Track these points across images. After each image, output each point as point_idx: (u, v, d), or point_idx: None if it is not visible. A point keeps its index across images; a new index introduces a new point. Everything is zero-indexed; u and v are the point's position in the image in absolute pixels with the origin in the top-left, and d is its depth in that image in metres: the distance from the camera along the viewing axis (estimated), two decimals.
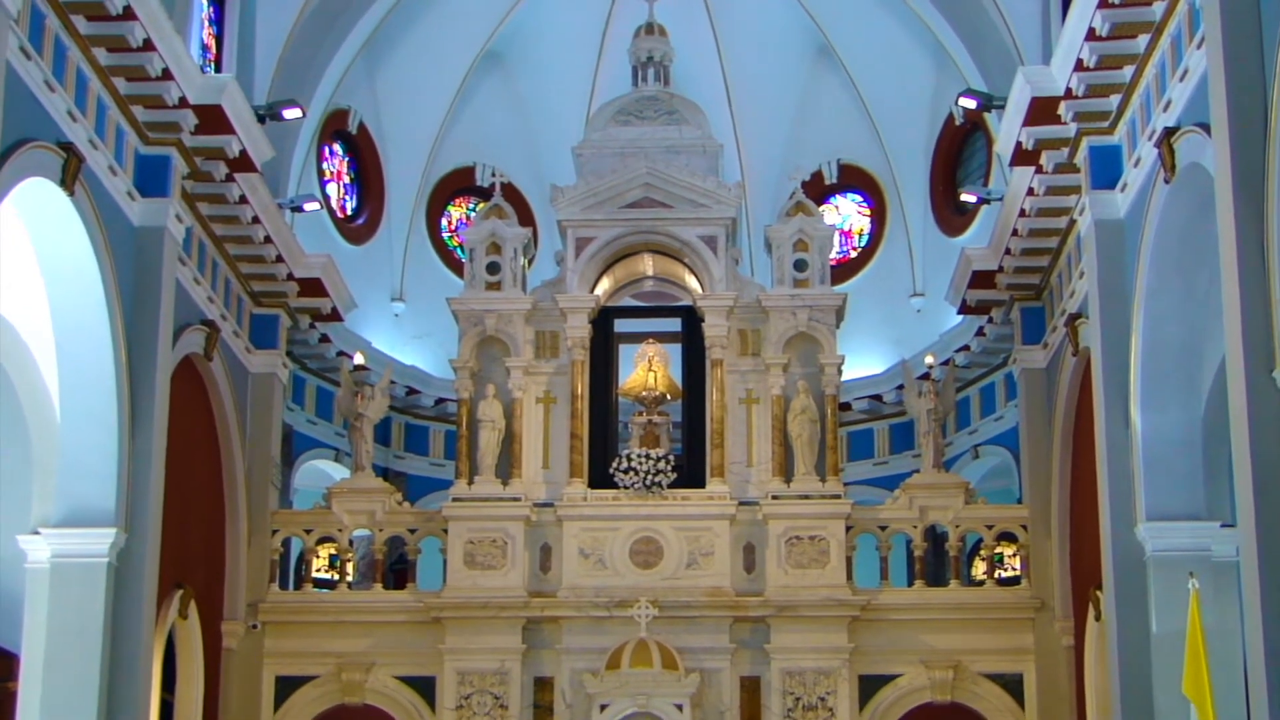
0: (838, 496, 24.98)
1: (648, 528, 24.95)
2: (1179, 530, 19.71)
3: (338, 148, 30.41)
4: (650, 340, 26.46)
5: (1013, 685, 24.75)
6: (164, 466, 20.99)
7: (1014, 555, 25.24)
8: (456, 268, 29.54)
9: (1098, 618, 21.93)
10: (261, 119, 23.21)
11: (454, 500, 25.21)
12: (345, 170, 30.82)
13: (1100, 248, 21.07)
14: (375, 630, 24.95)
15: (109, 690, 19.87)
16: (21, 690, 19.97)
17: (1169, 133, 18.43)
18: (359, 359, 27.75)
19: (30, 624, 20.10)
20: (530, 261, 26.67)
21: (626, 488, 25.19)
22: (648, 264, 26.56)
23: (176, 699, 22.92)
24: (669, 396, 26.17)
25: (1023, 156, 22.51)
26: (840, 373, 25.76)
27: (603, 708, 23.56)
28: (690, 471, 25.53)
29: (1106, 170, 21.13)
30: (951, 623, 24.87)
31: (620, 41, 29.15)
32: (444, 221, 32.02)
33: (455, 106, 31.06)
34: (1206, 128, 16.71)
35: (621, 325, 26.57)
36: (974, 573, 25.32)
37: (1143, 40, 19.24)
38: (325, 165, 30.07)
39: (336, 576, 25.64)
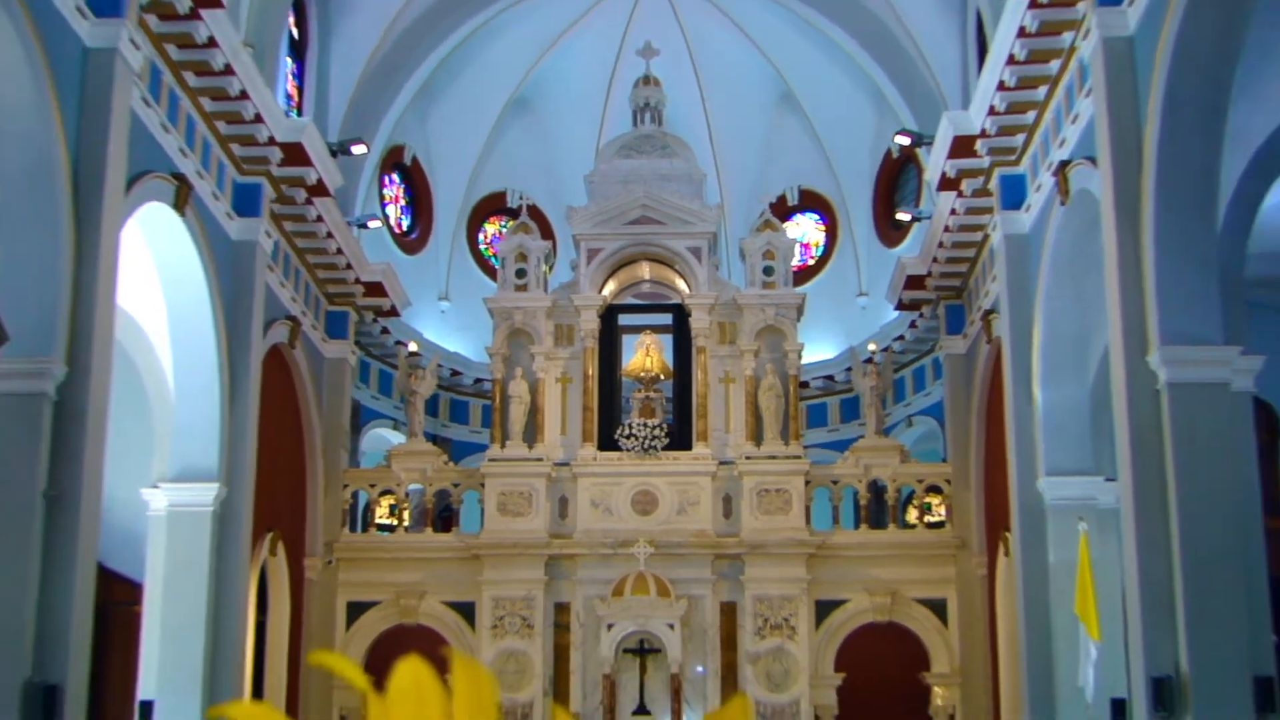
0: (798, 457, 25.04)
1: (645, 483, 25.00)
2: (1071, 484, 19.90)
3: (395, 176, 30.42)
4: (647, 331, 26.47)
5: (938, 608, 24.82)
6: (257, 433, 21.10)
7: (940, 504, 25.26)
8: (491, 273, 29.55)
9: (1006, 554, 22.04)
10: (334, 153, 23.29)
11: (489, 461, 25.26)
12: (401, 195, 30.82)
13: (1009, 258, 21.18)
14: (426, 565, 25.05)
15: (214, 613, 20.03)
16: (145, 613, 20.21)
17: (1064, 164, 18.60)
18: (413, 347, 27.90)
19: (151, 561, 20.31)
20: (550, 268, 26.74)
21: (628, 450, 25.24)
22: (645, 270, 26.63)
23: (269, 621, 23.03)
24: (662, 377, 26.19)
25: (946, 183, 22.62)
26: (800, 357, 25.81)
27: (609, 627, 23.67)
28: (680, 437, 25.53)
29: (1014, 195, 21.25)
30: (889, 558, 24.93)
31: (623, 90, 29.17)
32: (481, 236, 32.00)
33: (490, 142, 31.06)
34: (1093, 160, 16.91)
35: (624, 319, 26.61)
36: (908, 518, 25.35)
37: (1043, 90, 19.38)
38: (385, 191, 30.08)
39: (395, 522, 25.66)
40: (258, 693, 22.63)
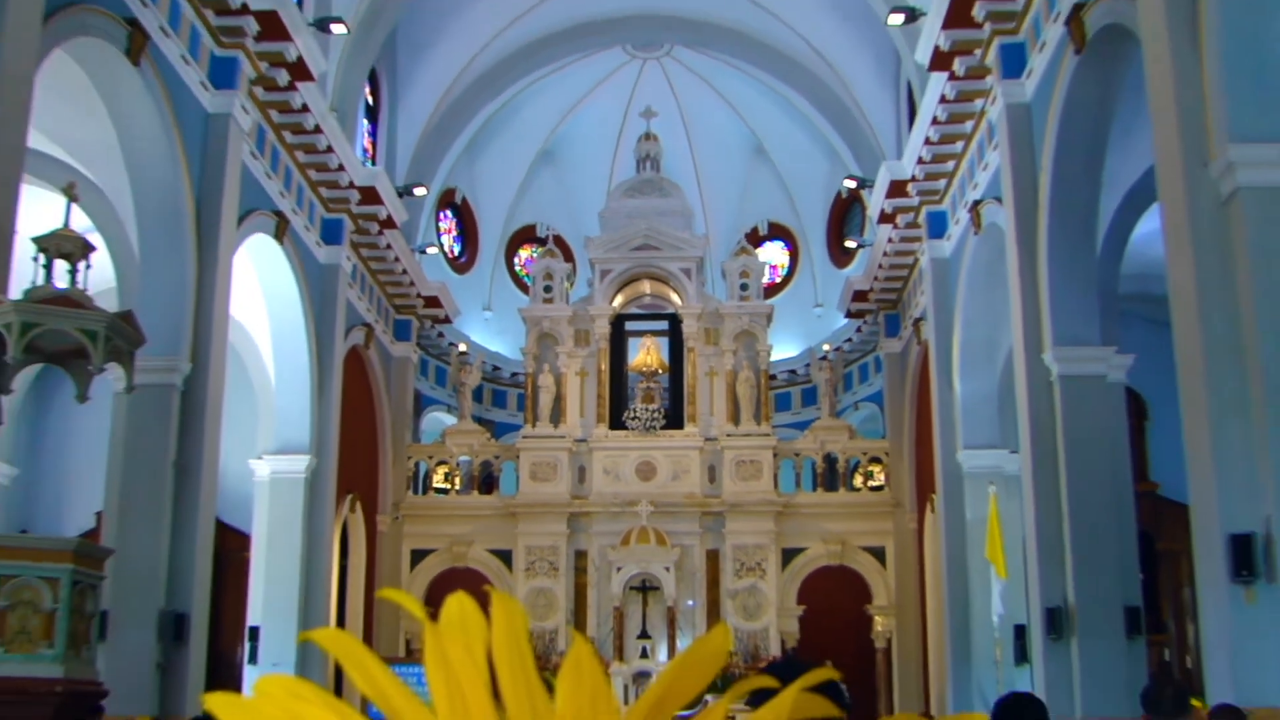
0: (767, 435, 25.06)
1: (647, 455, 25.02)
2: (983, 455, 19.95)
3: (448, 213, 30.43)
4: (648, 335, 26.49)
5: (879, 554, 24.86)
6: (339, 416, 21.18)
7: (880, 472, 25.24)
8: (524, 289, 29.56)
9: (932, 511, 22.05)
10: (400, 195, 23.35)
11: (523, 438, 25.30)
12: (453, 227, 30.81)
13: (934, 277, 21.23)
14: (473, 520, 25.10)
15: (306, 559, 20.13)
16: (253, 558, 20.33)
17: (977, 203, 18.67)
18: (462, 347, 27.91)
19: (257, 517, 20.42)
20: (571, 285, 26.77)
21: (633, 429, 25.27)
22: (646, 286, 26.62)
23: (349, 564, 23.08)
24: (660, 371, 26.20)
25: (885, 218, 22.62)
26: (769, 355, 25.82)
27: (618, 569, 23.73)
28: (674, 418, 25.55)
29: (938, 227, 21.29)
30: (840, 515, 24.97)
31: (629, 144, 29.19)
32: (516, 259, 31.98)
33: (523, 186, 31.07)
34: (1000, 200, 16.95)
35: (630, 325, 26.59)
36: (855, 483, 25.33)
37: (960, 144, 19.42)
38: (441, 224, 30.09)
39: (448, 486, 25.65)
40: (340, 622, 22.67)
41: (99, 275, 13.39)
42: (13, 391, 11.78)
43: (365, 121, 24.12)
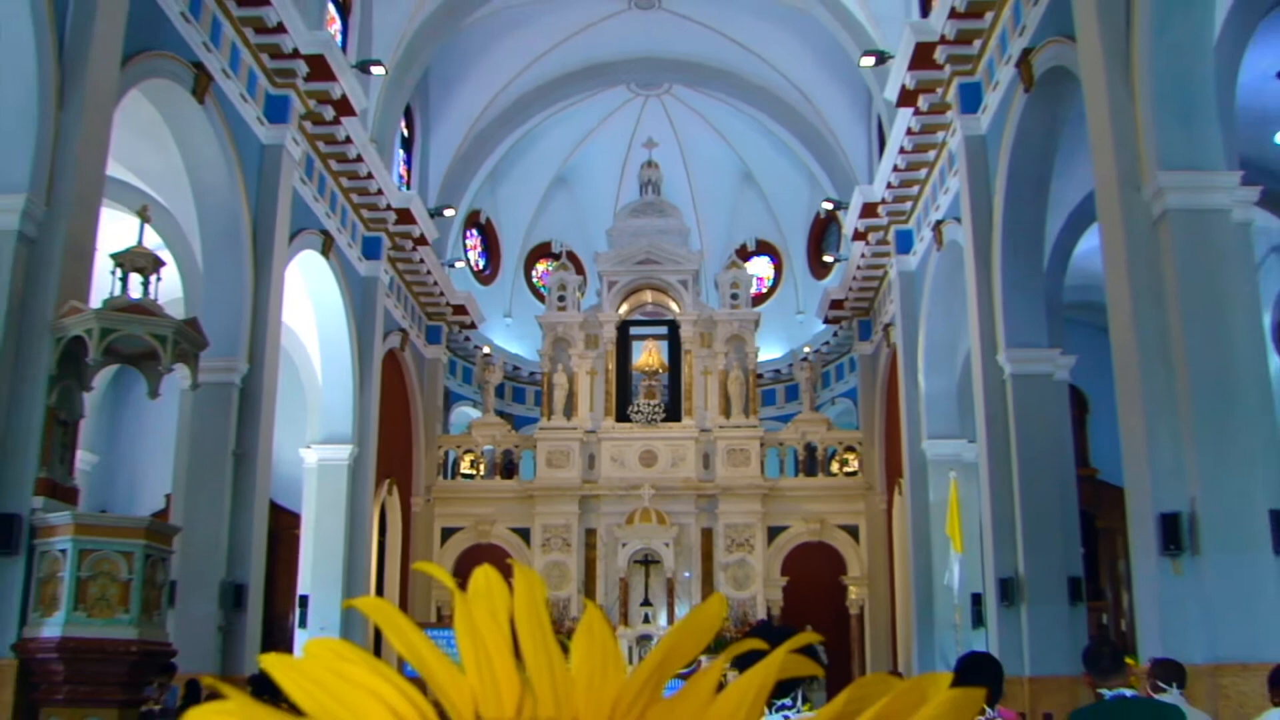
0: (755, 426, 25.05)
1: (649, 444, 25.02)
2: (945, 444, 19.89)
3: (474, 231, 30.41)
4: (650, 338, 26.53)
5: (853, 531, 24.84)
6: (378, 410, 21.18)
7: (854, 459, 25.25)
8: (540, 298, 29.50)
9: (900, 494, 22.04)
10: (432, 216, 23.35)
11: (540, 429, 25.29)
12: (478, 244, 30.80)
13: (901, 289, 21.20)
14: (496, 502, 25.10)
15: (349, 536, 20.13)
16: (302, 535, 20.32)
17: (939, 223, 18.65)
18: (486, 350, 27.91)
19: (306, 499, 20.40)
20: (582, 294, 26.77)
21: (637, 421, 25.27)
22: (648, 295, 26.62)
23: (387, 541, 23.10)
24: (660, 370, 26.21)
25: (858, 235, 22.58)
26: (757, 357, 25.82)
27: (623, 545, 23.71)
28: (672, 412, 25.56)
29: (905, 243, 21.27)
30: (819, 497, 24.96)
31: (633, 171, 29.19)
32: (534, 272, 31.99)
33: (540, 208, 31.04)
34: (959, 220, 16.95)
35: (634, 330, 26.59)
36: (832, 469, 25.35)
37: (924, 171, 19.40)
38: (467, 241, 30.05)
39: (474, 472, 25.66)
40: (379, 591, 22.67)
41: (168, 287, 13.45)
42: (93, 389, 11.82)
43: (401, 151, 24.11)
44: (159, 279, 11.67)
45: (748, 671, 0.44)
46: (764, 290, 31.47)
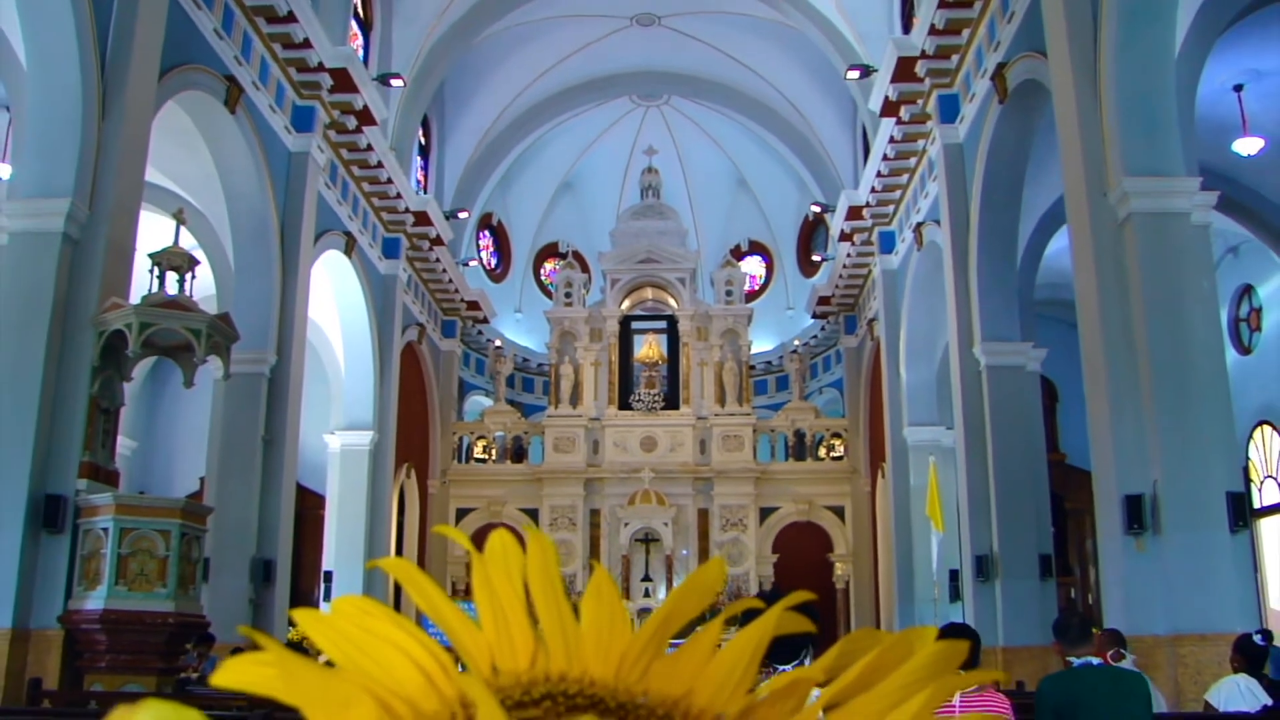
0: (748, 414, 25.07)
1: (649, 431, 25.05)
2: (925, 431, 19.89)
3: (487, 233, 30.42)
4: (650, 332, 26.55)
5: (839, 512, 24.87)
6: (397, 399, 21.19)
7: (840, 445, 25.31)
8: (548, 295, 29.49)
9: (883, 477, 22.06)
10: (447, 218, 23.36)
11: (548, 417, 25.32)
12: (491, 244, 30.81)
13: (884, 286, 21.19)
14: (506, 484, 25.11)
15: (370, 516, 20.15)
16: (327, 515, 20.34)
17: (919, 225, 18.63)
18: (498, 343, 27.94)
19: (330, 482, 20.44)
20: (587, 291, 26.77)
21: (638, 410, 25.30)
22: (649, 292, 26.63)
23: (405, 520, 23.14)
24: (660, 362, 26.24)
25: (844, 236, 22.59)
26: (749, 349, 25.89)
27: (625, 524, 23.75)
28: (671, 401, 25.60)
29: (888, 244, 21.26)
30: (808, 479, 24.98)
31: (634, 176, 29.22)
32: (542, 271, 31.98)
33: (548, 210, 31.04)
34: (938, 222, 16.94)
35: (635, 325, 26.62)
36: (819, 454, 25.38)
37: (905, 176, 19.39)
38: (480, 241, 30.06)
39: (486, 456, 25.71)
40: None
41: (202, 284, 13.48)
42: (133, 379, 11.84)
43: (418, 158, 24.12)
44: (194, 277, 11.69)
45: (746, 627, 0.45)
46: (756, 287, 31.45)
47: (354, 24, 19.13)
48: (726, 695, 0.43)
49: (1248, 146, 15.70)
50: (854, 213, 21.53)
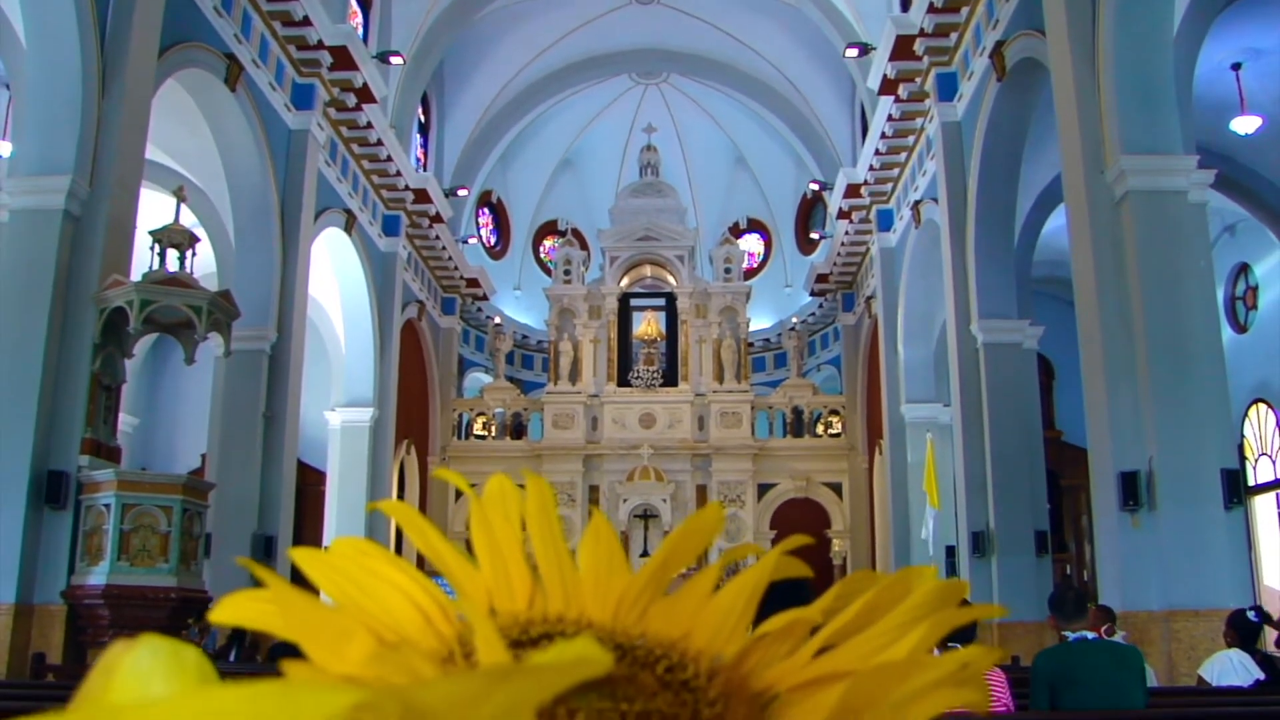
0: (746, 391, 25.07)
1: (648, 408, 25.06)
2: (922, 408, 19.91)
3: (486, 210, 30.36)
4: (649, 309, 26.52)
5: (836, 488, 24.89)
6: (397, 376, 21.18)
7: (838, 422, 25.29)
8: (547, 272, 29.40)
9: (880, 453, 22.09)
10: (447, 195, 23.33)
11: (547, 394, 25.30)
12: (490, 222, 30.74)
13: (882, 263, 21.17)
14: (506, 460, 25.05)
15: (370, 491, 20.11)
16: (328, 491, 20.35)
17: (917, 203, 18.61)
18: (497, 320, 27.88)
19: (331, 458, 20.44)
20: (586, 269, 26.72)
21: (637, 386, 25.27)
22: (648, 270, 26.57)
23: (405, 496, 23.14)
24: (659, 339, 26.22)
25: (842, 214, 22.57)
26: (748, 327, 25.86)
27: (624, 500, 23.75)
28: (670, 378, 25.56)
29: (886, 222, 21.23)
30: (805, 456, 24.99)
31: (634, 154, 29.14)
32: (541, 248, 31.92)
33: (547, 188, 30.99)
34: (936, 200, 16.93)
35: (634, 302, 26.57)
36: (817, 430, 25.38)
37: (904, 154, 19.35)
38: (480, 219, 30.02)
39: (486, 433, 25.71)
40: (398, 540, 22.75)
41: (202, 262, 13.47)
42: (134, 356, 11.84)
43: (418, 136, 24.05)
44: (194, 254, 11.71)
45: (744, 571, 0.45)
46: (755, 265, 31.42)
47: (353, 1, 19.06)
48: (724, 637, 0.43)
49: (1245, 125, 15.69)
50: (852, 191, 21.50)
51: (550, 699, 0.27)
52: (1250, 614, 7.38)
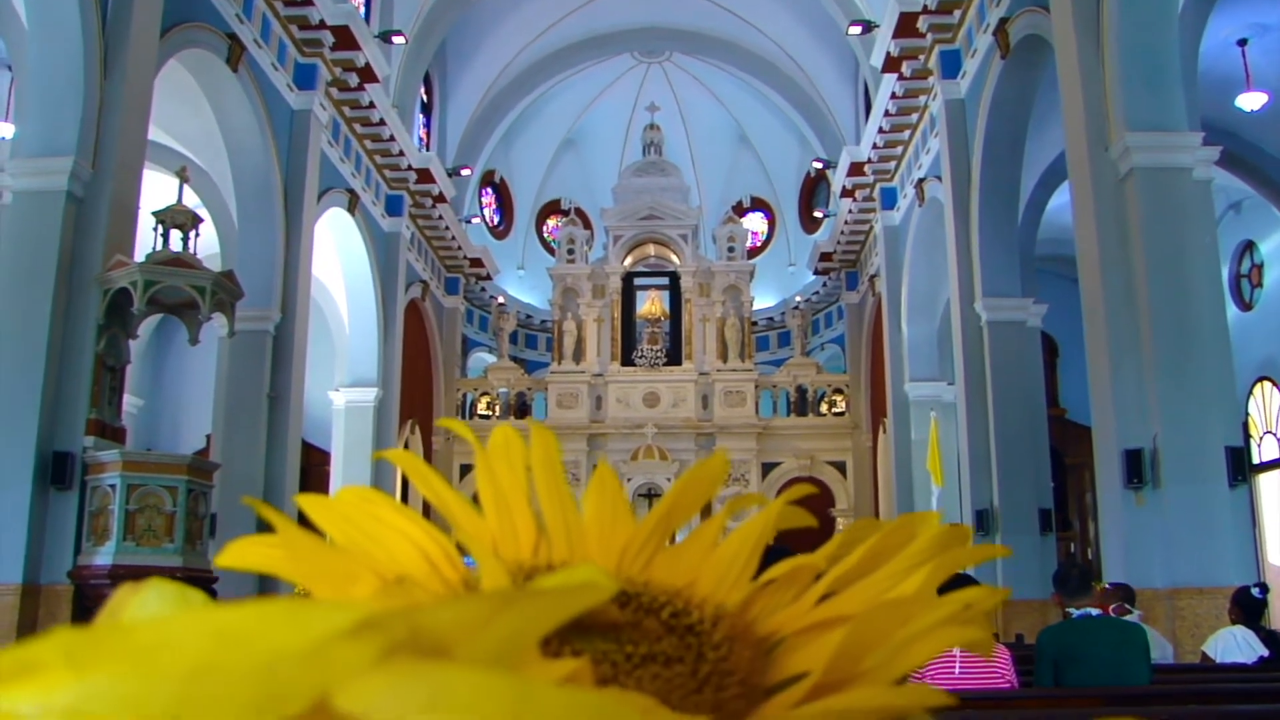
0: (750, 370, 25.07)
1: (652, 387, 25.07)
2: (926, 386, 19.91)
3: (489, 189, 30.34)
4: (653, 289, 26.52)
5: (841, 467, 24.92)
6: (401, 356, 21.19)
7: (842, 400, 25.31)
8: (551, 252, 29.39)
9: (884, 432, 22.11)
10: (450, 175, 23.30)
11: (551, 373, 25.30)
12: (493, 201, 30.71)
13: (886, 241, 21.15)
14: None
15: (375, 471, 20.10)
16: (332, 470, 20.38)
17: (921, 181, 18.57)
18: (501, 300, 27.87)
19: (335, 438, 20.44)
20: (590, 248, 26.70)
21: (640, 365, 25.29)
22: (651, 249, 26.55)
23: (409, 475, 23.13)
24: (662, 318, 26.22)
25: (846, 193, 22.53)
26: (751, 305, 25.85)
27: (628, 480, 23.72)
28: (674, 357, 25.57)
29: (889, 200, 21.20)
30: (810, 435, 25.01)
31: (637, 133, 29.11)
32: (544, 228, 31.91)
33: (550, 167, 30.94)
34: (940, 178, 16.89)
35: (638, 281, 26.56)
36: (821, 409, 25.39)
37: (907, 132, 19.28)
38: (483, 199, 29.99)
39: (490, 413, 25.69)
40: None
41: (206, 242, 13.48)
42: (138, 337, 11.87)
43: (421, 115, 24.01)
44: (197, 235, 11.71)
45: (747, 520, 0.46)
46: (758, 244, 31.39)
47: None
48: (728, 585, 0.44)
49: (1251, 102, 15.63)
50: (855, 169, 21.45)
51: (555, 627, 0.27)
52: (1254, 591, 7.39)
